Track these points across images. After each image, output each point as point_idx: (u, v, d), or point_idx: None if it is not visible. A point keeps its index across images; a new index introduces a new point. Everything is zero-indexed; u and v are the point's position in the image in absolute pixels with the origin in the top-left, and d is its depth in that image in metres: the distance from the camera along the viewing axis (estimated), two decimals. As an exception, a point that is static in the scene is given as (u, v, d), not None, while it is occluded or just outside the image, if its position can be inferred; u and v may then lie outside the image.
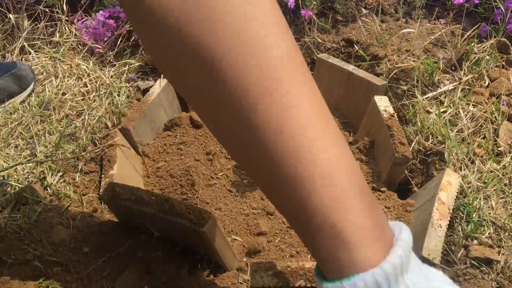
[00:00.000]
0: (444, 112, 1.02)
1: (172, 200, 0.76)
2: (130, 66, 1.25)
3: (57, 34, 1.35)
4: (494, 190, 0.87)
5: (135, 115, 1.07)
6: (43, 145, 1.02)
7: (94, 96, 1.15)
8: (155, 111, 1.12)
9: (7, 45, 1.34)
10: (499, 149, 0.94)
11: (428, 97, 1.06)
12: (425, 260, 0.74)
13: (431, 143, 0.98)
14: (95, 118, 1.10)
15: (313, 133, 0.41)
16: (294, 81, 0.41)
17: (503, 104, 1.02)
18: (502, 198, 0.86)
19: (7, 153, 1.00)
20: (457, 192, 0.84)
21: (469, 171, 0.90)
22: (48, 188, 0.94)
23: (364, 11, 1.35)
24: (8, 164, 0.97)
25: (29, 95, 1.17)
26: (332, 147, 0.41)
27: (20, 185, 0.92)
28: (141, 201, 0.78)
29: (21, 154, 1.01)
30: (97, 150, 1.02)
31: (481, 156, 0.93)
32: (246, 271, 0.82)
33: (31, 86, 1.17)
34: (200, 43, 0.39)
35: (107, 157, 0.98)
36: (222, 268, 0.82)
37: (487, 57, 1.11)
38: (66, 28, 1.36)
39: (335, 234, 0.40)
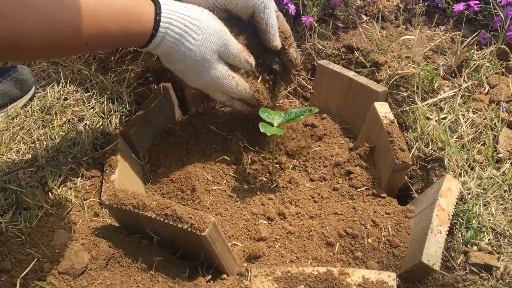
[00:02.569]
0: (444, 118, 1.02)
1: (172, 205, 0.77)
2: (132, 72, 1.26)
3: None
4: (494, 196, 0.87)
5: (136, 120, 1.08)
6: (45, 150, 1.02)
7: (95, 102, 1.16)
8: (156, 116, 1.13)
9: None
10: (499, 155, 0.95)
11: (428, 104, 1.06)
12: (425, 267, 0.75)
13: (431, 149, 0.98)
14: (96, 124, 1.11)
15: None
16: None
17: (502, 111, 1.02)
18: (501, 204, 0.87)
19: (9, 158, 1.01)
20: (456, 198, 0.85)
21: (469, 177, 0.91)
22: (49, 192, 0.95)
23: (364, 18, 1.36)
24: (10, 169, 0.97)
25: (31, 99, 1.17)
26: None
27: (21, 190, 0.93)
28: (142, 206, 0.78)
29: (23, 159, 1.01)
30: (98, 155, 1.03)
31: (481, 163, 0.94)
32: (246, 276, 0.82)
33: (32, 90, 1.17)
34: None
35: (108, 162, 0.99)
36: (223, 273, 0.82)
37: (487, 64, 1.12)
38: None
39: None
